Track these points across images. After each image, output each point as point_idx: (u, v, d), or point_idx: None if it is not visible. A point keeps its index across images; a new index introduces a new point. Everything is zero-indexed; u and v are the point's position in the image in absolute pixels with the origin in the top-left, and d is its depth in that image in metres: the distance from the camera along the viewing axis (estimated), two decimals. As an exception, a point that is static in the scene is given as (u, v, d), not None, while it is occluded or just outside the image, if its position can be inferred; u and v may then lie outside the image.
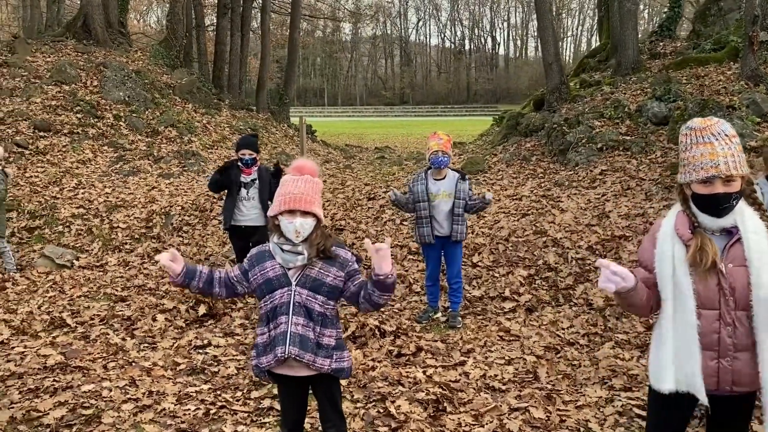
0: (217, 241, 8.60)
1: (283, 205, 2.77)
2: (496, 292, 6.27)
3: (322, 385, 2.92)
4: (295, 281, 2.78)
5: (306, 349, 2.75)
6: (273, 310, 2.81)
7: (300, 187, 2.78)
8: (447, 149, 5.61)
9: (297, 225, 2.72)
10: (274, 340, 2.79)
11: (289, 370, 2.84)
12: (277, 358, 2.76)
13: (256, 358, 2.91)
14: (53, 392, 4.33)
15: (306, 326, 2.77)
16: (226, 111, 17.18)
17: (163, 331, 5.59)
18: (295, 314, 2.77)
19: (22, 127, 11.65)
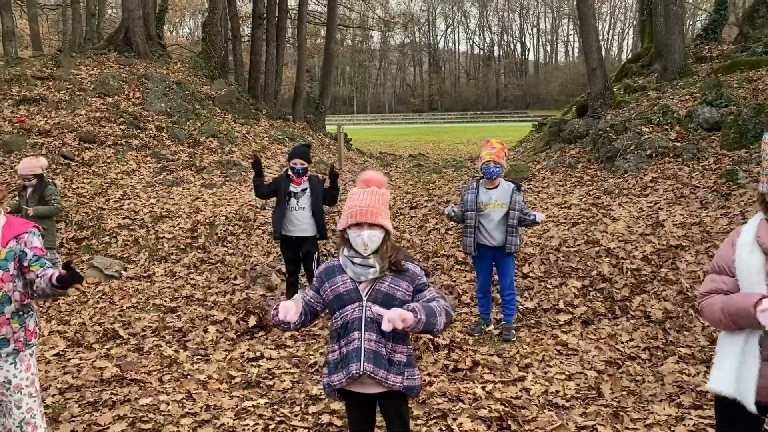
0: (261, 250, 8.60)
1: (350, 219, 2.72)
2: (549, 304, 6.12)
3: (390, 403, 2.84)
4: (366, 296, 2.71)
5: (379, 365, 2.68)
6: (344, 326, 2.74)
7: (366, 200, 2.73)
8: (500, 159, 5.48)
9: (365, 238, 2.66)
10: (347, 357, 2.72)
11: (360, 387, 2.77)
12: (350, 376, 2.69)
13: (327, 376, 2.84)
14: (112, 406, 4.33)
15: (378, 342, 2.70)
16: (264, 121, 17.30)
17: (215, 342, 5.58)
18: (367, 330, 2.70)
19: (68, 139, 11.86)
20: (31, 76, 14.35)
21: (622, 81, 13.26)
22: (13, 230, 2.95)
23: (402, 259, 2.73)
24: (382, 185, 2.78)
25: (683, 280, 5.99)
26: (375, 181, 2.78)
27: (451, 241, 7.90)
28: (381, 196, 2.74)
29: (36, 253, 2.96)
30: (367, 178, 2.80)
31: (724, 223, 6.72)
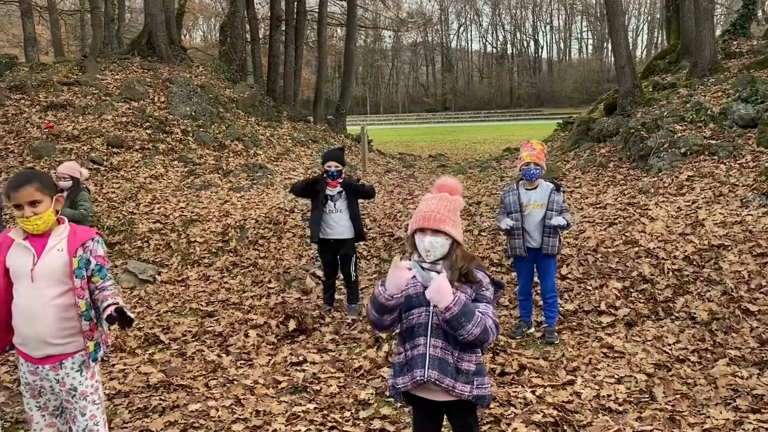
0: (293, 254, 8.60)
1: (415, 223, 2.70)
2: (590, 306, 6.04)
3: (458, 412, 2.80)
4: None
5: (445, 373, 2.64)
6: (410, 330, 2.71)
7: (432, 206, 2.70)
8: (540, 160, 5.43)
9: (426, 244, 2.63)
10: (411, 361, 2.69)
11: (427, 393, 2.74)
12: (414, 381, 2.66)
13: (392, 378, 2.82)
14: (162, 412, 4.33)
15: (444, 349, 2.66)
16: (286, 123, 17.33)
17: (257, 347, 5.57)
18: (433, 336, 2.67)
19: (97, 144, 11.95)
20: (58, 81, 14.49)
21: (649, 78, 13.12)
22: (78, 238, 2.95)
23: (474, 269, 2.68)
24: (456, 192, 2.74)
25: (727, 280, 5.90)
26: (447, 187, 2.75)
27: (485, 243, 7.85)
28: (451, 203, 2.70)
29: (99, 263, 2.95)
30: (440, 184, 2.77)
31: (766, 222, 6.61)
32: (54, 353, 2.93)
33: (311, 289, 7.31)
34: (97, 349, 2.95)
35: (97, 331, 2.95)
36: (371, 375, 4.85)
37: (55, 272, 2.88)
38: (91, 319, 2.91)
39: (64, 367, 2.95)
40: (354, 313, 6.36)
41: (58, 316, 2.91)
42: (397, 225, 9.18)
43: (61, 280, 2.90)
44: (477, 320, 2.53)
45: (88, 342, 2.91)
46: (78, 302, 2.90)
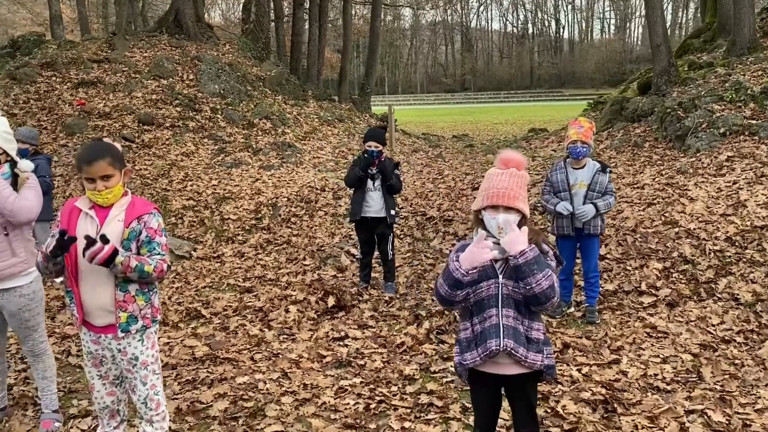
0: (325, 232, 8.63)
1: (486, 200, 2.68)
2: (631, 286, 6.00)
3: (521, 385, 2.80)
4: (502, 273, 2.67)
5: (519, 342, 2.65)
6: (479, 303, 2.70)
7: (504, 182, 2.67)
8: (587, 138, 5.36)
9: (500, 221, 2.61)
10: (483, 333, 2.68)
11: (494, 367, 2.74)
12: (488, 352, 2.65)
13: (459, 355, 2.82)
14: (210, 384, 4.39)
15: (516, 319, 2.67)
16: (312, 102, 17.30)
17: (298, 322, 5.61)
18: (504, 306, 2.67)
19: (128, 121, 12.04)
20: (88, 59, 14.58)
21: (683, 57, 12.87)
22: (136, 210, 2.96)
23: (541, 242, 2.67)
24: (522, 166, 2.72)
25: (772, 262, 5.82)
26: (514, 161, 2.72)
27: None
28: (520, 178, 2.68)
29: (149, 234, 2.94)
30: (506, 158, 2.74)
31: None
32: (114, 322, 2.96)
33: (346, 266, 7.34)
34: (130, 322, 2.92)
35: (133, 304, 2.93)
36: (414, 351, 4.87)
37: (115, 243, 2.90)
38: (128, 291, 2.91)
39: (126, 336, 2.98)
40: (391, 291, 6.38)
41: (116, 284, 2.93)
42: (429, 204, 9.16)
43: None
44: (547, 273, 2.53)
45: (120, 313, 2.90)
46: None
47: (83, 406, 4.10)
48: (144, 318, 2.98)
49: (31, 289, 3.63)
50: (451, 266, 2.59)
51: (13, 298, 3.56)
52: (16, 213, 3.42)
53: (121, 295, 2.89)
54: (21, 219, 3.46)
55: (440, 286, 2.65)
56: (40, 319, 3.73)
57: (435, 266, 7.09)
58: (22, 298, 3.59)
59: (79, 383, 4.48)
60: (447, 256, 7.39)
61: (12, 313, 3.59)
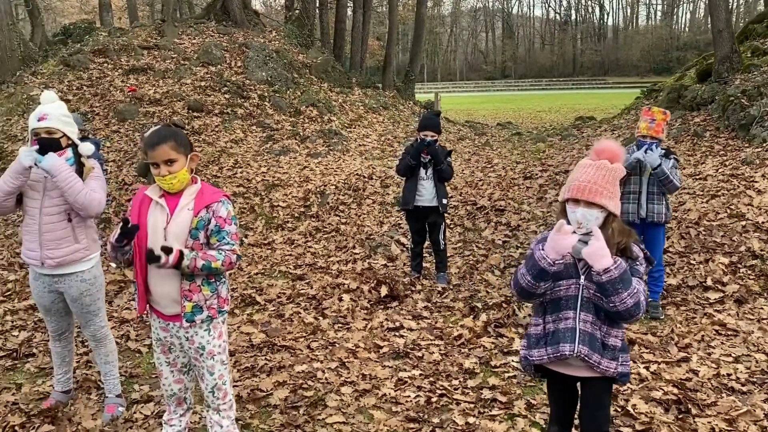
0: (374, 220, 8.57)
1: (567, 192, 2.55)
2: (695, 281, 5.77)
3: (594, 389, 2.68)
4: (584, 274, 2.55)
5: (594, 349, 2.53)
6: (555, 302, 2.59)
7: (589, 174, 2.53)
8: (658, 134, 5.11)
9: (578, 216, 2.49)
10: (555, 334, 2.58)
11: (563, 367, 2.63)
12: (558, 355, 2.55)
13: (525, 349, 2.72)
14: (269, 372, 4.37)
15: (594, 324, 2.55)
16: (357, 89, 17.23)
17: (352, 311, 5.56)
18: (583, 310, 2.55)
19: (178, 108, 12.14)
20: (138, 45, 14.76)
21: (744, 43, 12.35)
22: (205, 199, 2.91)
23: (632, 243, 2.53)
24: (616, 158, 2.56)
25: None
26: (608, 152, 2.56)
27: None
28: (610, 172, 2.52)
29: (218, 224, 2.89)
30: (600, 149, 2.59)
31: None
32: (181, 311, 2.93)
33: (396, 255, 7.26)
34: (195, 312, 2.87)
35: (198, 294, 2.89)
36: (472, 344, 4.77)
37: (184, 231, 2.85)
38: (194, 281, 2.87)
39: (194, 325, 2.95)
40: (443, 281, 6.28)
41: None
42: (479, 193, 9.00)
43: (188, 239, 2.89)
44: (633, 290, 2.40)
45: (185, 302, 2.86)
46: None
47: (145, 391, 4.13)
48: (209, 308, 2.93)
49: (92, 274, 3.65)
50: (537, 254, 2.47)
51: (74, 283, 3.58)
52: (87, 207, 3.44)
53: (186, 285, 2.85)
54: (91, 212, 3.49)
55: (522, 277, 2.54)
56: (101, 304, 3.75)
57: (487, 257, 6.96)
58: (83, 283, 3.60)
59: (140, 368, 4.52)
60: (499, 246, 7.27)
61: (74, 298, 3.61)
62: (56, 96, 3.62)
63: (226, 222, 2.90)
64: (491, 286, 6.10)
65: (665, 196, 5.20)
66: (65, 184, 3.37)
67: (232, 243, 2.88)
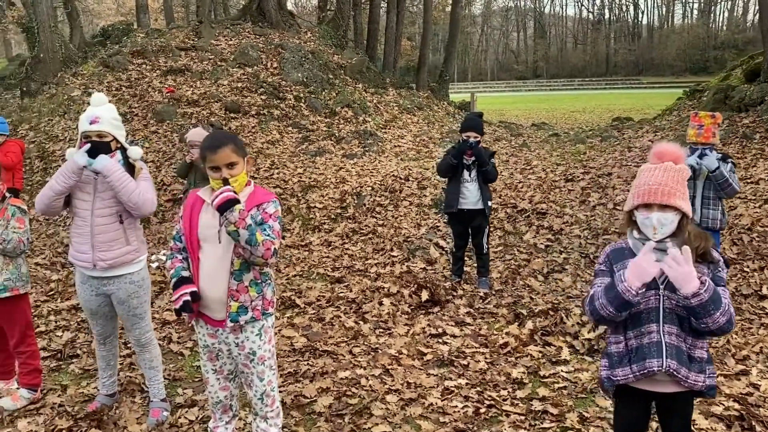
0: (411, 222, 8.46)
1: (636, 198, 2.42)
2: (750, 290, 5.56)
3: (678, 404, 2.53)
4: (663, 284, 2.41)
5: (681, 362, 2.38)
6: (635, 316, 2.45)
7: (657, 177, 2.40)
8: (708, 139, 4.91)
9: (654, 221, 2.36)
10: (639, 350, 2.44)
11: (648, 384, 2.49)
12: (646, 371, 2.41)
13: (607, 369, 2.57)
14: (312, 377, 4.30)
15: (679, 336, 2.40)
16: (391, 90, 17.15)
17: (393, 316, 5.47)
18: (666, 322, 2.41)
19: (215, 109, 12.21)
20: (176, 47, 14.90)
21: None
22: (257, 198, 2.88)
23: (710, 248, 2.39)
24: (680, 160, 2.44)
25: None
26: (670, 154, 2.45)
27: (621, 218, 7.39)
28: (678, 173, 2.40)
29: (263, 217, 2.83)
30: (660, 151, 2.47)
31: None
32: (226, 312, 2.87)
33: (435, 259, 7.15)
34: (240, 312, 2.81)
35: (245, 294, 2.83)
36: (518, 353, 4.64)
37: None
38: (242, 281, 2.81)
39: (244, 330, 2.89)
40: (485, 286, 6.15)
41: None
42: (519, 196, 8.84)
43: None
44: (725, 308, 2.26)
45: (231, 302, 2.81)
46: (233, 259, 2.80)
47: (188, 395, 4.09)
48: (254, 309, 2.87)
49: (140, 276, 3.63)
50: (621, 287, 2.33)
51: (123, 285, 3.56)
52: (140, 206, 3.43)
53: (234, 284, 2.80)
54: (144, 211, 3.48)
55: (602, 308, 2.39)
56: (147, 307, 3.73)
57: (530, 262, 6.81)
58: (131, 285, 3.58)
59: (182, 371, 4.49)
60: (542, 251, 7.10)
61: (121, 300, 3.59)
62: (106, 98, 3.61)
63: (272, 217, 2.85)
64: (535, 292, 5.96)
65: (721, 201, 5.01)
66: (119, 184, 3.37)
67: (273, 236, 2.81)
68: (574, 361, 4.49)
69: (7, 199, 3.87)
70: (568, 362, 4.47)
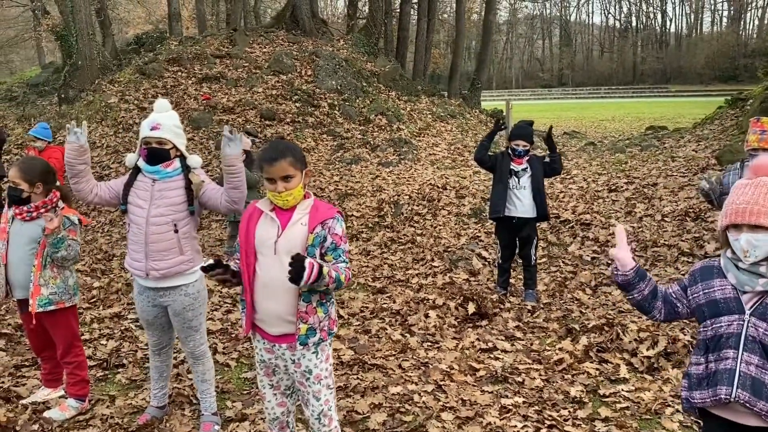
0: (450, 232, 8.33)
1: (725, 218, 2.26)
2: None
3: None
4: (750, 310, 2.24)
5: (759, 396, 2.19)
6: (716, 340, 2.29)
7: (747, 195, 2.22)
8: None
9: (743, 243, 2.18)
10: (714, 375, 2.28)
11: (730, 413, 2.31)
12: (717, 398, 2.25)
13: (686, 390, 2.42)
14: (363, 392, 4.19)
15: (761, 368, 2.21)
16: (424, 98, 17.05)
17: (440, 329, 5.34)
18: (747, 351, 2.23)
19: (250, 116, 12.22)
20: (210, 54, 14.98)
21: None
22: (320, 214, 2.76)
23: None
24: None
25: None
26: (764, 169, 2.27)
27: (671, 230, 7.17)
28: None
29: (334, 241, 2.74)
30: (756, 166, 2.28)
31: None
32: (291, 332, 2.77)
33: (479, 270, 7.00)
34: (309, 334, 2.72)
35: (314, 316, 2.73)
36: (574, 370, 4.47)
37: (296, 247, 2.70)
38: (310, 302, 2.71)
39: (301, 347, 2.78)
40: (532, 299, 5.99)
41: (297, 293, 2.74)
42: (562, 206, 8.65)
43: None
44: None
45: (300, 324, 2.70)
46: None
47: (238, 408, 4.00)
48: (321, 330, 2.78)
49: (195, 289, 3.55)
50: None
51: (178, 297, 3.48)
52: (242, 199, 3.43)
53: (303, 306, 2.69)
54: (241, 206, 3.44)
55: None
56: (203, 319, 3.65)
57: (576, 274, 6.63)
58: (187, 297, 3.51)
59: (231, 383, 4.41)
60: (588, 263, 6.92)
61: (176, 312, 3.51)
62: (169, 104, 3.56)
63: (342, 240, 2.76)
64: (585, 306, 5.78)
65: None
66: (241, 174, 3.34)
67: (347, 261, 2.76)
68: (634, 379, 4.31)
69: (59, 210, 3.81)
70: (627, 380, 4.29)
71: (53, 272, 3.74)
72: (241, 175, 3.36)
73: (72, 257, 3.72)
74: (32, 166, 3.79)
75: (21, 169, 3.72)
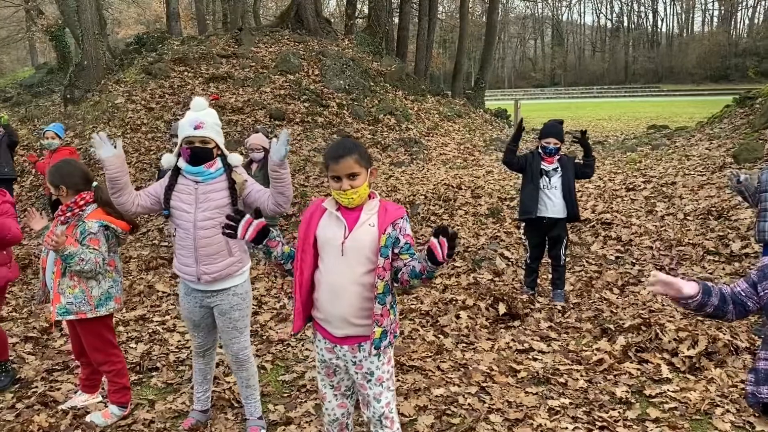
0: (468, 232, 8.27)
1: None
2: None
3: None
4: None
5: None
6: None
7: None
8: None
9: None
10: None
11: None
12: None
13: (753, 385, 2.39)
14: (406, 394, 4.13)
15: None
16: (430, 97, 17.00)
17: (473, 329, 5.28)
18: None
19: (260, 116, 12.14)
20: (216, 54, 14.89)
21: None
22: (389, 215, 2.71)
23: None
24: None
25: None
26: None
27: (694, 228, 7.14)
28: None
29: (408, 241, 2.69)
30: None
31: None
32: (354, 334, 2.72)
33: (503, 270, 6.95)
34: (382, 338, 2.66)
35: (388, 318, 2.68)
36: (615, 370, 4.43)
37: (364, 248, 2.66)
38: (385, 304, 2.65)
39: (363, 349, 2.73)
40: (560, 299, 5.95)
41: (363, 295, 2.68)
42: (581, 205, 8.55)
43: (369, 257, 2.67)
44: None
45: (376, 327, 2.64)
46: (377, 282, 2.64)
47: (281, 412, 3.94)
48: (391, 333, 2.73)
49: (243, 289, 3.50)
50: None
51: (226, 297, 3.43)
52: (289, 201, 3.42)
53: (379, 308, 2.64)
54: (288, 207, 3.45)
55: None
56: (248, 321, 3.59)
57: (601, 273, 6.59)
58: (235, 297, 3.45)
59: (269, 386, 4.34)
60: (612, 262, 6.89)
61: (223, 311, 3.45)
62: (207, 102, 3.48)
63: (413, 239, 2.73)
64: (614, 306, 5.74)
65: None
66: (288, 176, 3.33)
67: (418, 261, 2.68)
68: (677, 379, 4.27)
69: (85, 214, 3.66)
70: (671, 381, 4.25)
71: (72, 281, 3.57)
72: (286, 182, 3.31)
73: (88, 271, 3.49)
74: (55, 169, 3.68)
75: (48, 173, 3.66)
